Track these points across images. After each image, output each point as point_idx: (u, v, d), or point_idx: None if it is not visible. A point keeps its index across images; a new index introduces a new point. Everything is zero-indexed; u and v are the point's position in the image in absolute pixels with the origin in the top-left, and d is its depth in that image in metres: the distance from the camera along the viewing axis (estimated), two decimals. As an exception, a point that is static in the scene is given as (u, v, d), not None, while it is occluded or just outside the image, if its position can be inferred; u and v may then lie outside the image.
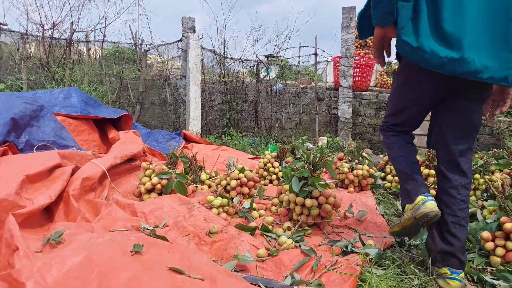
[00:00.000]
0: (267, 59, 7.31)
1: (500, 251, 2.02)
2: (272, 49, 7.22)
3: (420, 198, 1.92)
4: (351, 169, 3.50)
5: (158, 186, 2.78)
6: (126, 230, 2.07)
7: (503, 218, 2.06)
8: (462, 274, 1.84)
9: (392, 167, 3.62)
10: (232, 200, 2.70)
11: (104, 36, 6.70)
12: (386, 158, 3.79)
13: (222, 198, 2.63)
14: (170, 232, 2.09)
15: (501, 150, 3.24)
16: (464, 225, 1.88)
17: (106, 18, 6.58)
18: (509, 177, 2.63)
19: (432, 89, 1.90)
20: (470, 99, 1.88)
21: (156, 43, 6.83)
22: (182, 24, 6.42)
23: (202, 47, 6.60)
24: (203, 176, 3.15)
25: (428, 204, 1.87)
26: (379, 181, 3.58)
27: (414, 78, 1.92)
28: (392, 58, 2.78)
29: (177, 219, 2.23)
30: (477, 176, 2.90)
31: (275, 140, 6.61)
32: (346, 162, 3.65)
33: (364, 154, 3.75)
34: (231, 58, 7.06)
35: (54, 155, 2.70)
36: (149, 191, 2.81)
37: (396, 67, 7.39)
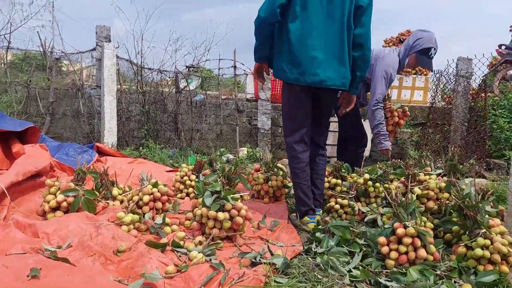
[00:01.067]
0: (188, 70, 7.28)
1: (393, 254, 2.19)
2: (192, 60, 7.21)
3: (306, 218, 2.86)
4: (266, 180, 3.61)
5: (64, 204, 2.64)
6: (25, 253, 1.95)
7: (396, 224, 2.25)
8: (318, 217, 2.84)
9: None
10: (143, 216, 2.64)
11: (9, 42, 6.25)
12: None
13: (133, 214, 2.56)
14: (74, 253, 2.00)
15: (399, 160, 3.54)
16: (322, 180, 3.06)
17: (11, 24, 6.16)
18: (402, 186, 2.87)
19: (305, 98, 2.77)
20: (324, 103, 2.88)
21: (68, 51, 6.52)
22: (96, 33, 6.20)
23: (118, 57, 6.41)
24: (115, 191, 3.05)
25: (309, 225, 2.79)
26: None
27: (293, 95, 2.79)
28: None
29: (82, 238, 2.13)
30: (377, 184, 3.14)
31: (195, 152, 6.58)
32: (262, 173, 3.75)
33: (279, 165, 3.87)
34: (149, 69, 6.93)
35: None
36: (54, 209, 2.66)
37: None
